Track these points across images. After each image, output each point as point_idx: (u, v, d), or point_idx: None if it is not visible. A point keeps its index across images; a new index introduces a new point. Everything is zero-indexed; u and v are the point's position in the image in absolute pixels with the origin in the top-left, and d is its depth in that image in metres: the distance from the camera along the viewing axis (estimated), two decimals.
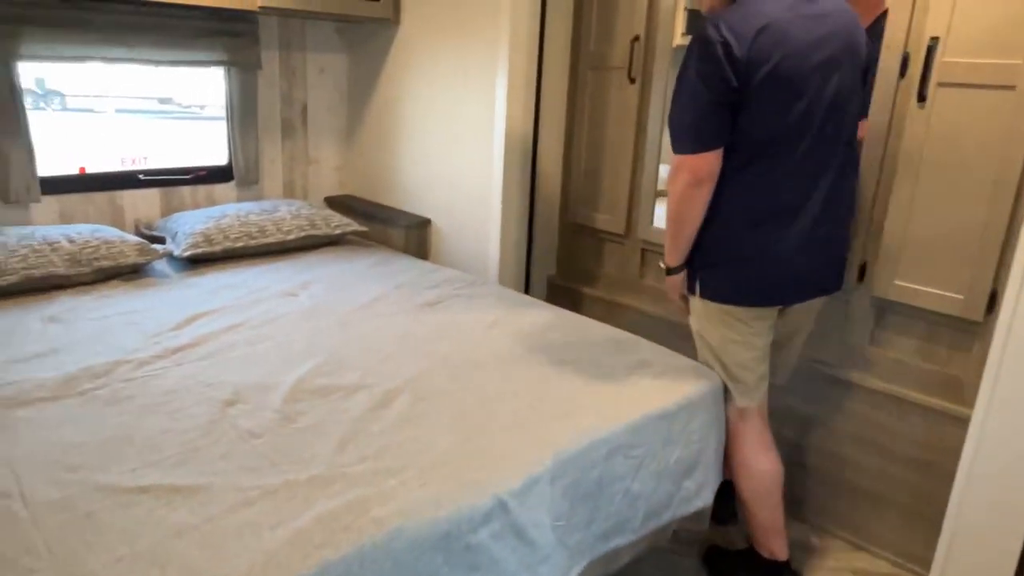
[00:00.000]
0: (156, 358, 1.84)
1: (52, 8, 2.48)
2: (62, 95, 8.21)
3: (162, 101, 8.77)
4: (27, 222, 2.66)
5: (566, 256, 3.13)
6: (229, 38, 2.94)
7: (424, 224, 3.17)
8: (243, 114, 3.10)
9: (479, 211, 2.94)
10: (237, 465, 1.37)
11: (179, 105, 7.55)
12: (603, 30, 2.75)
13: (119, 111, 8.71)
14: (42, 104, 8.10)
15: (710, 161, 1.65)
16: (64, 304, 2.19)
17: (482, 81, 2.79)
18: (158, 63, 2.80)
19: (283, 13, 2.87)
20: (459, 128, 2.94)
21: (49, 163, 2.72)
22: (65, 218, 2.75)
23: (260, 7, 2.65)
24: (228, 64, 2.98)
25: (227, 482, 1.32)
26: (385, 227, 3.21)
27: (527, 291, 3.05)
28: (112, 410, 1.56)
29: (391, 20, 3.07)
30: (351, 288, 2.49)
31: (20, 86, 2.52)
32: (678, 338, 2.20)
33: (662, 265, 1.92)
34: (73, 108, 8.32)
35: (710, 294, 1.81)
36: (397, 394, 1.70)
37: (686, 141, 1.68)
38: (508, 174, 2.82)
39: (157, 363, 1.81)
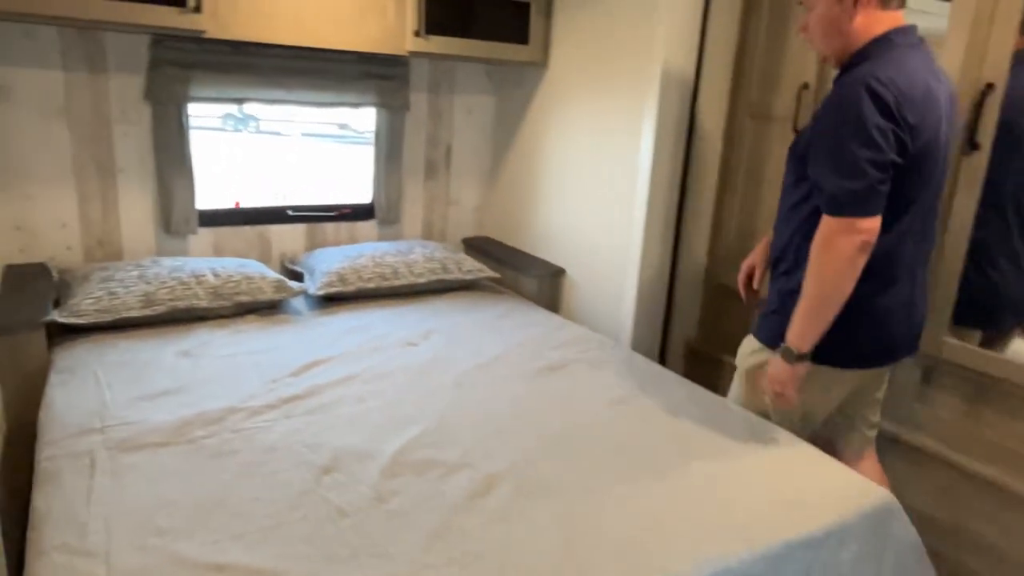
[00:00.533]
0: (268, 408, 1.82)
1: (220, 54, 2.62)
2: (257, 119, 9.10)
3: (340, 127, 9.49)
4: (184, 251, 2.82)
5: (709, 320, 2.86)
6: (380, 81, 2.99)
7: (558, 274, 3.03)
8: (389, 154, 3.13)
9: (616, 264, 2.76)
10: (318, 550, 1.28)
11: (355, 131, 8.08)
12: (767, 76, 2.49)
13: (304, 134, 9.52)
14: (240, 127, 9.03)
15: (877, 224, 1.54)
16: (199, 338, 2.26)
17: (628, 126, 2.62)
18: (312, 104, 2.89)
19: (434, 57, 2.87)
20: (601, 175, 2.79)
21: (210, 194, 2.88)
22: (218, 249, 2.89)
23: (410, 52, 2.66)
24: (378, 105, 3.03)
25: (303, 571, 1.22)
26: (518, 274, 3.11)
27: (663, 353, 2.81)
28: (214, 465, 1.54)
29: (539, 63, 2.98)
30: (473, 341, 2.39)
31: (188, 125, 2.68)
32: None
33: (790, 350, 1.64)
34: (265, 131, 9.20)
35: (825, 357, 1.67)
36: (499, 481, 1.54)
37: (859, 201, 1.51)
38: (650, 226, 2.62)
39: (268, 414, 1.79)
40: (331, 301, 2.72)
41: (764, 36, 2.49)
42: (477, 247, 3.39)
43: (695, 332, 2.91)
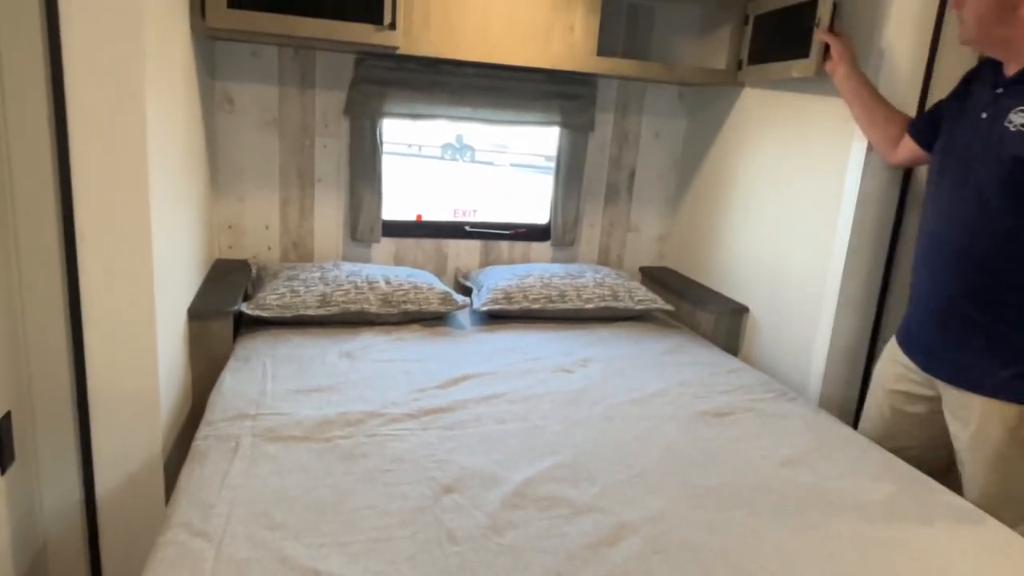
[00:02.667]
0: (408, 416, 1.79)
1: (412, 72, 2.73)
2: (473, 149, 9.66)
3: (548, 159, 9.78)
4: (367, 257, 2.96)
5: None
6: (566, 100, 2.94)
7: (739, 312, 2.75)
8: (569, 175, 3.07)
9: (808, 308, 2.43)
10: (418, 573, 1.20)
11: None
12: None
13: (513, 164, 9.94)
14: (457, 156, 9.65)
15: None
16: (363, 341, 2.33)
17: (831, 155, 2.31)
18: (497, 122, 2.91)
19: (622, 78, 2.77)
20: (796, 208, 2.48)
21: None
22: (398, 259, 3.00)
23: (593, 71, 2.58)
24: (561, 125, 2.98)
25: None
26: (695, 308, 2.87)
27: (858, 417, 2.42)
28: (342, 466, 1.53)
29: (733, 82, 2.75)
30: (632, 374, 2.21)
31: (380, 139, 2.81)
32: None
33: None
34: (480, 160, 9.74)
35: None
36: (630, 532, 1.36)
37: None
38: (851, 271, 2.27)
39: (406, 422, 1.76)
40: (495, 318, 2.69)
41: None
42: (655, 277, 3.20)
43: None
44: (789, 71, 2.34)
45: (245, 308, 2.34)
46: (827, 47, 2.23)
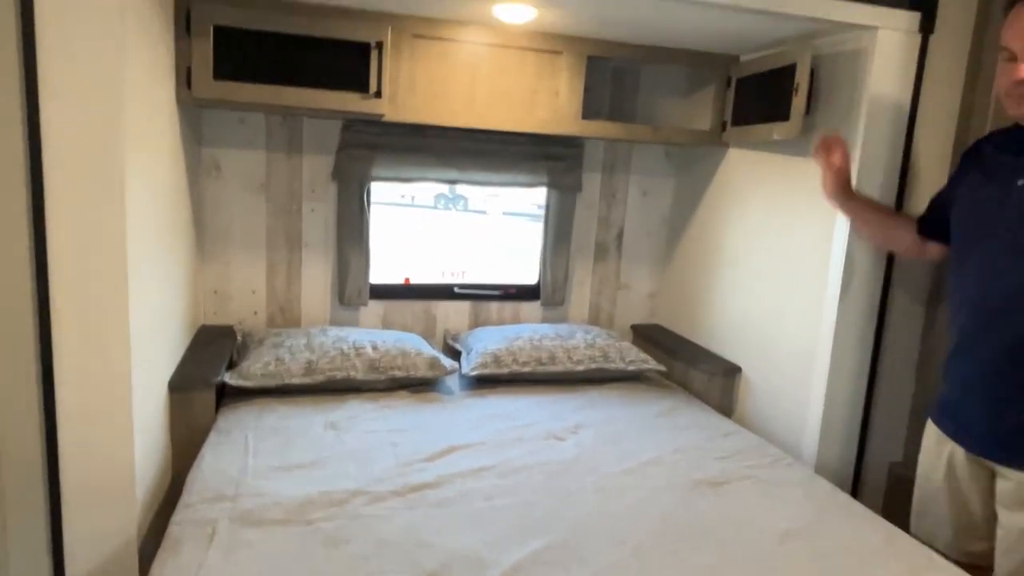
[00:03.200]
0: (393, 494, 1.73)
1: (399, 135, 2.75)
2: (465, 199, 9.75)
3: (539, 207, 9.90)
4: (355, 321, 2.92)
5: (918, 441, 2.37)
6: (553, 161, 2.96)
7: (732, 372, 2.71)
8: (557, 235, 3.06)
9: (801, 367, 2.40)
10: None
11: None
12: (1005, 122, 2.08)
13: (505, 213, 10.01)
14: (451, 206, 9.74)
15: None
16: (349, 410, 2.27)
17: (819, 210, 2.31)
18: (485, 184, 2.92)
19: (608, 139, 2.79)
20: (786, 264, 2.48)
21: (383, 271, 2.99)
22: (386, 322, 2.96)
23: (579, 135, 2.60)
24: (549, 186, 2.99)
25: None
26: (687, 368, 2.83)
27: (857, 479, 2.37)
28: (324, 553, 1.47)
29: (718, 143, 2.77)
30: (625, 441, 2.16)
31: (368, 203, 2.81)
32: None
33: None
34: (473, 209, 9.82)
35: None
36: None
37: None
38: (843, 326, 2.25)
39: (391, 501, 1.70)
40: (484, 382, 2.64)
41: (995, 104, 2.10)
42: (646, 335, 3.17)
43: (900, 454, 2.43)
44: (771, 134, 2.36)
45: (229, 379, 2.29)
46: (808, 109, 2.26)
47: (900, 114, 2.16)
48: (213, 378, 2.21)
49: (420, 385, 2.55)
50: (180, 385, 2.14)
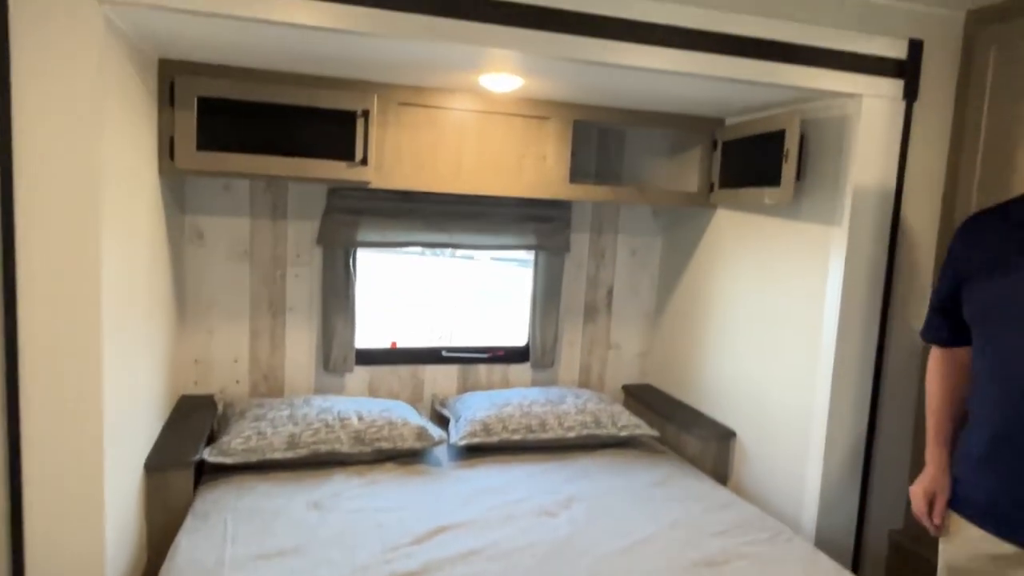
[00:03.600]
0: None
1: (385, 200, 2.73)
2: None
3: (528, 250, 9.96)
4: (341, 388, 2.85)
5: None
6: (540, 223, 2.95)
7: (726, 436, 2.66)
8: (546, 296, 3.03)
9: (796, 433, 2.35)
10: None
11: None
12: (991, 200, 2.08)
13: (493, 259, 10.05)
14: (439, 252, 9.79)
15: None
16: (333, 487, 2.19)
17: (810, 268, 2.30)
18: (473, 247, 2.89)
19: (597, 201, 2.79)
20: (778, 324, 2.45)
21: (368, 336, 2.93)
22: (372, 388, 2.90)
23: (567, 199, 2.58)
24: (537, 248, 2.97)
25: None
26: (680, 432, 2.77)
27: (858, 549, 2.30)
28: None
29: (706, 204, 2.77)
30: (619, 515, 2.09)
31: (353, 268, 2.77)
32: None
33: None
34: (461, 256, 9.86)
35: None
36: None
37: None
38: (838, 391, 2.21)
39: None
40: (474, 450, 2.57)
41: (980, 170, 2.10)
42: (638, 396, 3.12)
43: (901, 522, 2.37)
44: (761, 198, 2.36)
45: (208, 456, 2.21)
46: (798, 174, 2.25)
47: (887, 179, 2.17)
48: (191, 455, 2.13)
49: (408, 456, 2.48)
50: (157, 464, 2.06)
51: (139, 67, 1.92)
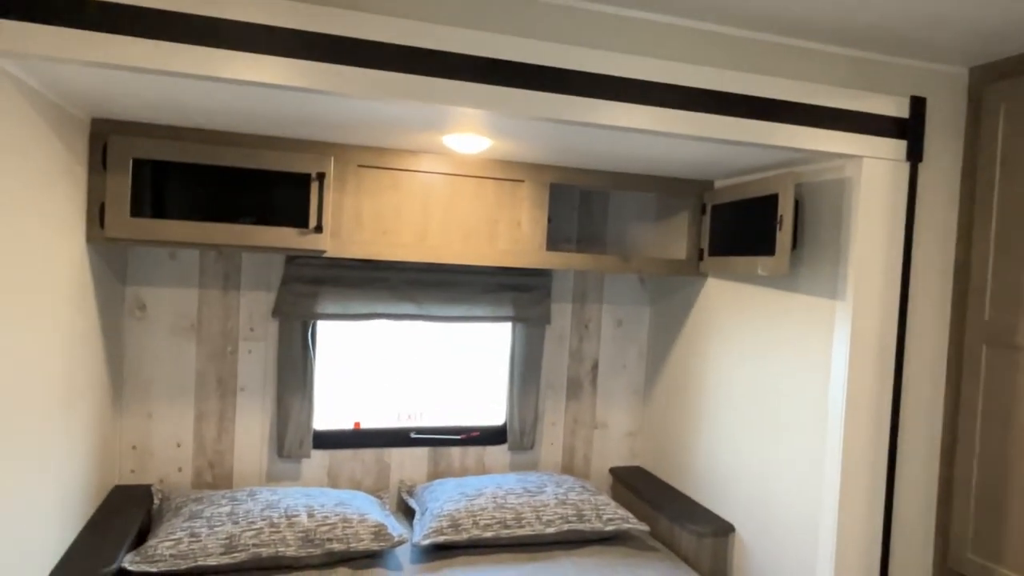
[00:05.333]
0: None
1: (348, 269, 2.52)
2: None
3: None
4: (296, 475, 2.58)
5: None
6: (518, 293, 2.73)
7: (724, 532, 2.37)
8: (525, 372, 2.79)
9: (803, 531, 2.08)
10: None
11: None
12: (1006, 290, 1.87)
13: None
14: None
15: None
16: None
17: (813, 349, 2.07)
18: (444, 319, 2.66)
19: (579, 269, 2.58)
20: (779, 407, 2.20)
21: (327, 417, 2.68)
22: (332, 474, 2.62)
23: (544, 267, 2.37)
24: (515, 320, 2.74)
25: None
26: (673, 525, 2.49)
27: None
28: None
29: (695, 273, 2.56)
30: None
31: (312, 342, 2.53)
32: None
33: None
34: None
35: None
36: None
37: None
38: (849, 486, 1.96)
39: None
40: (441, 548, 2.28)
41: (996, 238, 1.90)
42: (627, 481, 2.84)
43: None
44: (754, 268, 2.15)
45: (128, 564, 1.92)
46: (794, 243, 2.06)
47: (893, 247, 1.96)
48: (107, 566, 1.84)
49: (364, 559, 2.18)
50: None
51: (59, 127, 1.72)
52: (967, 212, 2.01)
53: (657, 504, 2.59)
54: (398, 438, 2.73)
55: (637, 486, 2.76)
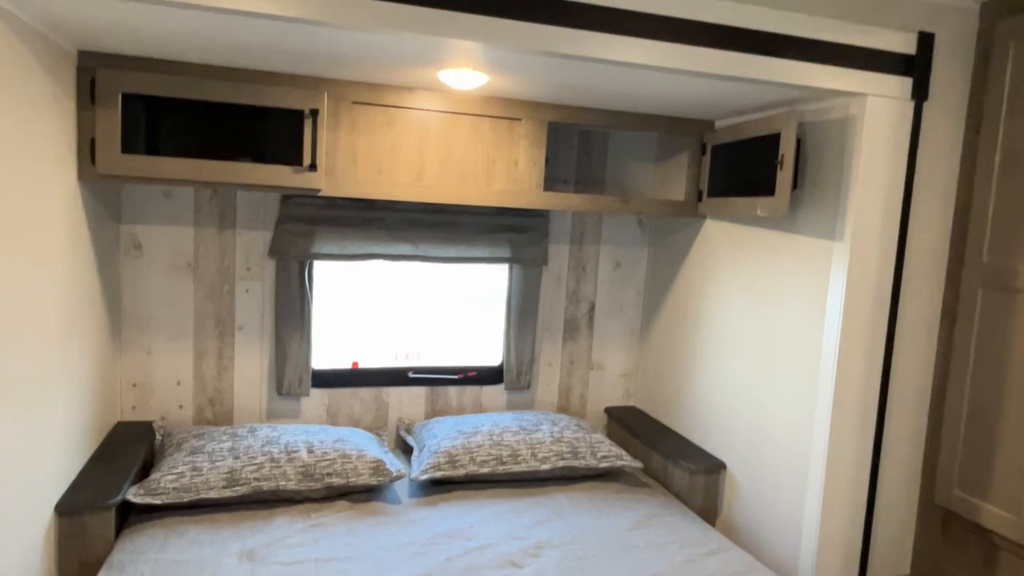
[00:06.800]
0: None
1: (344, 208, 2.49)
2: None
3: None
4: (296, 412, 2.62)
5: (929, 554, 2.09)
6: (516, 234, 2.71)
7: (716, 469, 2.42)
8: (522, 313, 2.80)
9: (793, 467, 2.12)
10: None
11: None
12: (1006, 234, 1.86)
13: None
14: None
15: None
16: (274, 531, 1.95)
17: (808, 287, 2.07)
18: (441, 260, 2.66)
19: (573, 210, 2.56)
20: (772, 347, 2.22)
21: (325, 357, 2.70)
22: (331, 412, 2.66)
23: (541, 208, 2.35)
24: (512, 261, 2.73)
25: None
26: (666, 463, 2.54)
27: None
28: None
29: (694, 214, 2.54)
30: (594, 568, 1.86)
31: (309, 281, 2.54)
32: None
33: None
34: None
35: None
36: None
37: None
38: (839, 423, 1.99)
39: None
40: (438, 484, 2.33)
41: (998, 180, 1.88)
42: (622, 420, 2.88)
43: (907, 568, 2.14)
44: (754, 209, 2.13)
45: (132, 496, 1.96)
46: (794, 183, 2.03)
47: (894, 188, 1.94)
48: (112, 497, 1.88)
49: (363, 492, 2.24)
50: (70, 508, 1.82)
51: (46, 59, 1.68)
52: (970, 153, 1.98)
53: (651, 442, 2.64)
54: (396, 377, 2.76)
55: (632, 425, 2.80)
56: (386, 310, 2.85)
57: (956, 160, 2.00)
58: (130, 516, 2.02)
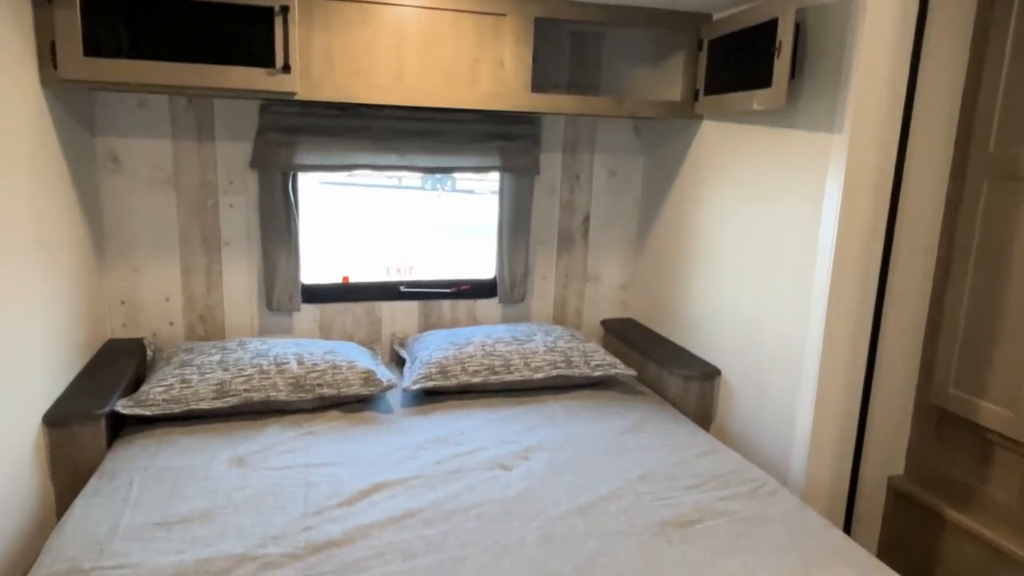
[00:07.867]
0: (288, 558, 1.42)
1: (326, 116, 2.41)
2: (454, 178, 9.37)
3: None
4: (288, 329, 2.60)
5: (923, 453, 2.08)
6: (505, 141, 2.62)
7: (710, 375, 2.40)
8: (514, 224, 2.73)
9: (787, 370, 2.10)
10: None
11: None
12: (1014, 124, 1.76)
13: (493, 192, 9.65)
14: (438, 186, 9.38)
15: None
16: (264, 440, 1.96)
17: (805, 189, 1.99)
18: (427, 170, 2.58)
19: (566, 114, 2.45)
20: (768, 253, 2.16)
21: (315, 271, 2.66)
22: (323, 327, 2.64)
23: (529, 110, 2.25)
24: (502, 169, 2.65)
25: None
26: (661, 371, 2.52)
27: (853, 492, 2.07)
28: None
29: (690, 115, 2.44)
30: (584, 468, 1.86)
31: (294, 194, 2.48)
32: None
33: None
34: (461, 189, 9.41)
35: None
36: None
37: None
38: (834, 323, 1.95)
39: (284, 568, 1.39)
40: (430, 395, 2.33)
41: (1009, 66, 1.77)
42: (617, 332, 2.86)
43: (901, 467, 2.14)
44: (750, 103, 2.03)
45: (122, 407, 1.97)
46: (792, 72, 1.92)
47: (897, 79, 1.83)
48: (101, 407, 1.88)
49: (355, 403, 2.24)
50: (57, 419, 1.82)
51: None
52: (980, 40, 1.86)
53: (646, 352, 2.62)
54: (388, 292, 2.73)
55: (627, 336, 2.78)
56: (377, 226, 2.79)
57: (965, 47, 1.88)
58: (124, 428, 2.03)
